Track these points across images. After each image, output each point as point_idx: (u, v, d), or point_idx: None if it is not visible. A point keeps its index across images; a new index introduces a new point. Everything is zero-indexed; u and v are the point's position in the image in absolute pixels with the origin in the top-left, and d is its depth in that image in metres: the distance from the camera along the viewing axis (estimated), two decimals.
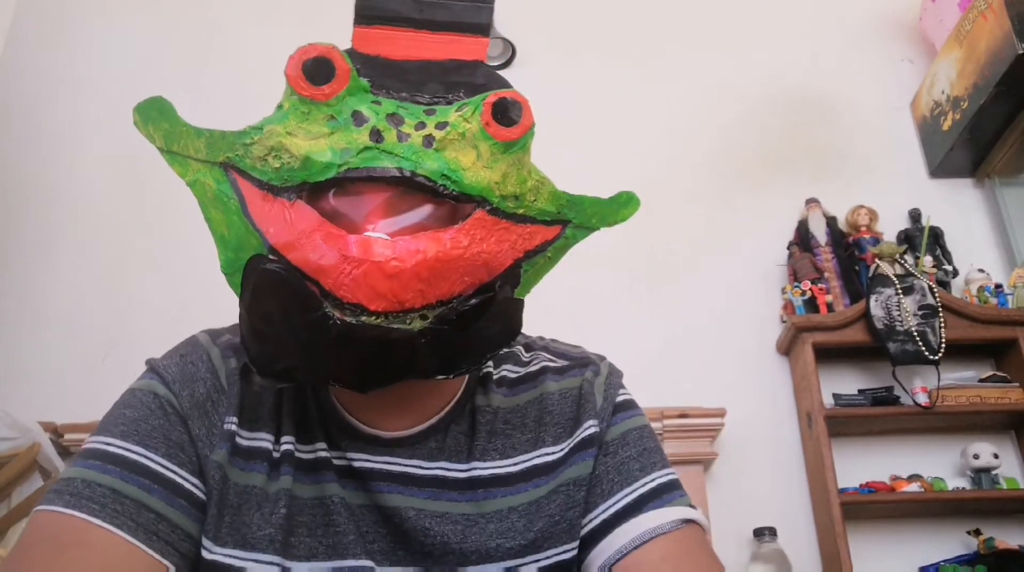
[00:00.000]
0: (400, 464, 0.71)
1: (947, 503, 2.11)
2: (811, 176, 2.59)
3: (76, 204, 2.60)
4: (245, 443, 0.70)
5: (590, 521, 0.72)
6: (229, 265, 0.64)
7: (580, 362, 0.79)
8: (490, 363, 0.77)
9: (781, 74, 2.76)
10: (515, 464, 0.73)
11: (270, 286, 0.60)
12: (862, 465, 2.19)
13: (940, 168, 2.57)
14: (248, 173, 0.61)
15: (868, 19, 2.85)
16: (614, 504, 0.72)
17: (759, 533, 2.07)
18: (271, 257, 0.60)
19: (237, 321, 0.66)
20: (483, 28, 0.66)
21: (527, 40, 2.77)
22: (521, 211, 0.64)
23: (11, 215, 2.59)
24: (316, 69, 0.60)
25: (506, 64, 2.77)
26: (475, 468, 0.72)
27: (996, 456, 2.13)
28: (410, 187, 0.59)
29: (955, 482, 2.16)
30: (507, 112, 0.62)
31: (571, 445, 0.74)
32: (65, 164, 2.66)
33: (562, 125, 2.61)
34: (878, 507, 2.14)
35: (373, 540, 0.70)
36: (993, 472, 2.12)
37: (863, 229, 2.43)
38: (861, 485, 2.13)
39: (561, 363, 0.79)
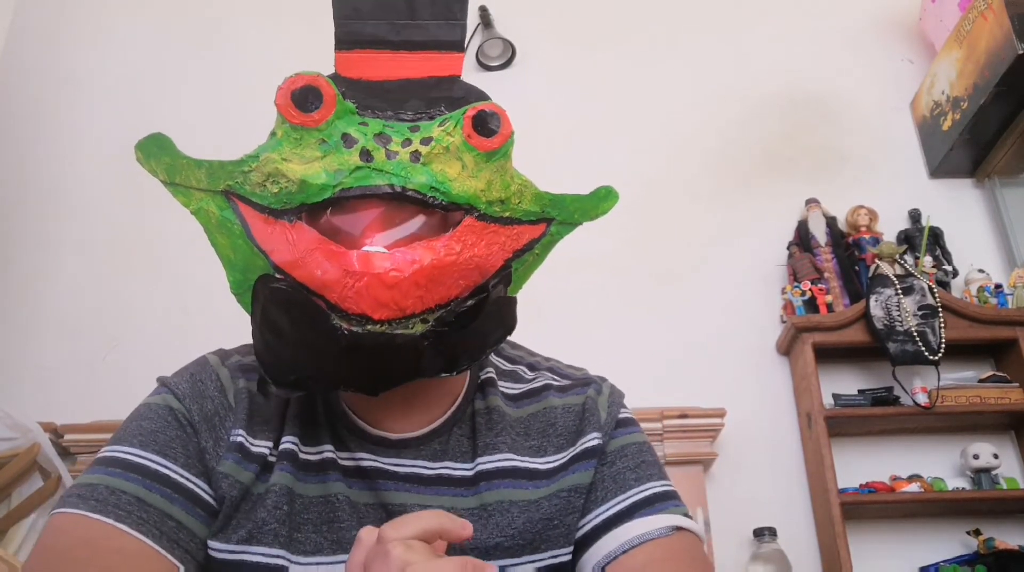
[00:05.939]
0: (406, 465, 0.74)
1: (947, 503, 2.11)
2: (811, 176, 2.59)
3: (76, 204, 2.60)
4: (254, 450, 0.72)
5: (584, 525, 0.75)
6: (238, 285, 0.69)
7: (582, 381, 0.83)
8: (490, 371, 0.81)
9: (781, 74, 2.75)
10: (520, 461, 0.76)
11: (279, 303, 0.65)
12: (862, 465, 2.19)
13: (940, 168, 2.57)
14: (249, 199, 0.66)
15: (868, 19, 2.85)
16: (607, 510, 0.75)
17: (759, 533, 2.07)
18: (277, 276, 0.65)
19: (240, 335, 0.70)
20: (457, 44, 0.71)
21: (527, 40, 2.78)
22: (507, 214, 0.68)
23: (11, 215, 2.59)
24: (304, 97, 0.64)
25: (506, 64, 2.77)
26: (480, 464, 0.75)
27: (996, 456, 2.13)
28: (402, 201, 0.64)
29: (955, 482, 2.16)
30: (487, 123, 0.66)
31: (573, 453, 0.77)
32: (65, 164, 2.66)
33: (562, 125, 2.61)
34: (878, 507, 2.14)
35: None
36: (993, 472, 2.12)
37: (863, 229, 2.43)
38: (861, 485, 2.13)
39: (564, 382, 0.83)
